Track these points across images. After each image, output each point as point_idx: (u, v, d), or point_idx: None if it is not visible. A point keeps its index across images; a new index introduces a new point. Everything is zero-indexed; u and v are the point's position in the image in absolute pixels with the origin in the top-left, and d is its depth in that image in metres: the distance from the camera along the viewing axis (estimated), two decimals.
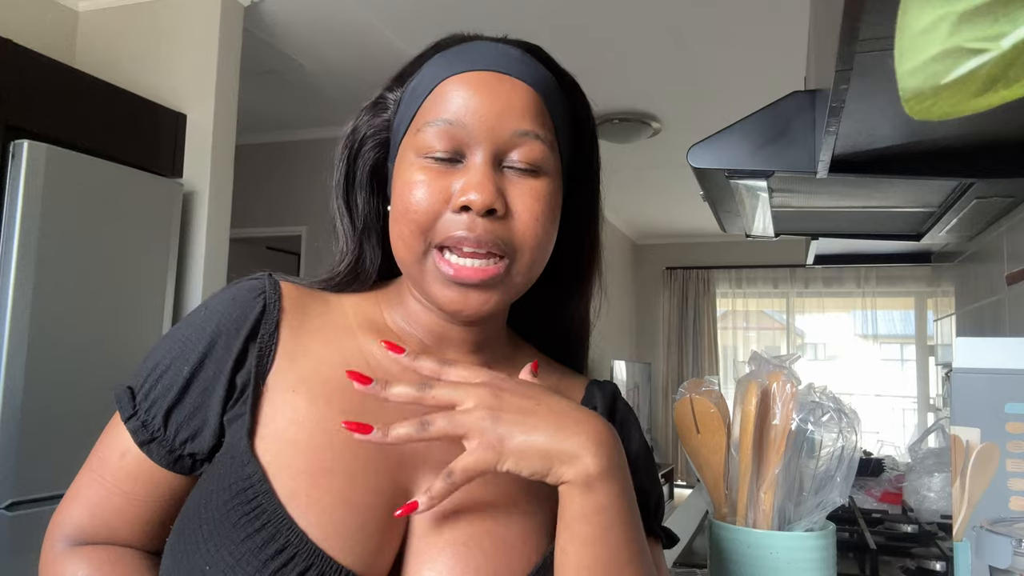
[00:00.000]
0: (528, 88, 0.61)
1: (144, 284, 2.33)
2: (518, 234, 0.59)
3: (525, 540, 0.60)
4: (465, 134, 0.59)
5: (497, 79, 0.60)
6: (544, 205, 0.60)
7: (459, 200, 0.58)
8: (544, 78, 0.63)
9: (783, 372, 0.84)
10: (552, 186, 0.62)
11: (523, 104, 0.60)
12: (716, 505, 0.88)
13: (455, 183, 0.59)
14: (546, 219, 0.61)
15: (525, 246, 0.60)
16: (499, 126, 0.59)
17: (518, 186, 0.60)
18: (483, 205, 0.57)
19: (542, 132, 0.61)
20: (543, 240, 0.61)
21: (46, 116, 2.16)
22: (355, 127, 0.67)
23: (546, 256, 0.63)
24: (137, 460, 0.61)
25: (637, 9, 2.86)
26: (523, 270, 0.61)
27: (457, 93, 0.60)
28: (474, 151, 0.59)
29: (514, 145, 0.60)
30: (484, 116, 0.59)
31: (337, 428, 0.58)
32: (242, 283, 0.65)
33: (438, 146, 0.59)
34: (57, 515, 0.64)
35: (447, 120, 0.59)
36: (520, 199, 0.59)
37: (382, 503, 0.57)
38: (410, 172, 0.60)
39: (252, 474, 0.56)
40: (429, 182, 0.59)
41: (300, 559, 0.53)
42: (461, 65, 0.61)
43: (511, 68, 0.61)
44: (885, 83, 0.75)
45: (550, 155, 0.61)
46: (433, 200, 0.59)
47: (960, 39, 0.34)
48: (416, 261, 0.60)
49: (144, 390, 0.62)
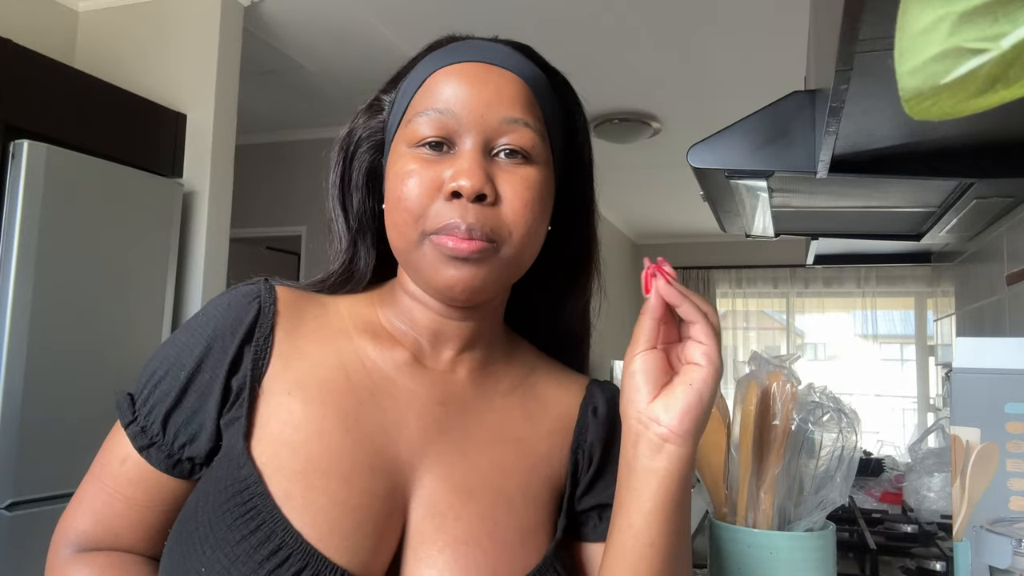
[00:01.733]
0: (517, 79, 0.62)
1: (144, 284, 2.33)
2: (508, 220, 0.59)
3: (524, 540, 0.60)
4: (455, 122, 0.59)
5: (486, 69, 0.61)
6: (534, 192, 0.60)
7: (449, 186, 0.58)
8: (533, 72, 0.64)
9: (783, 372, 0.84)
10: (542, 175, 0.62)
11: (512, 93, 0.61)
12: (716, 505, 0.88)
13: (446, 171, 0.59)
14: (536, 206, 0.61)
15: (515, 232, 0.60)
16: (488, 114, 0.60)
17: (508, 173, 0.60)
18: (473, 191, 0.57)
19: (531, 120, 0.61)
20: (533, 227, 0.61)
21: (46, 116, 2.16)
22: (351, 129, 0.68)
23: (536, 245, 0.63)
24: (137, 465, 0.62)
25: (637, 9, 2.86)
26: (512, 253, 0.60)
27: (446, 83, 0.60)
28: (464, 139, 0.60)
29: (503, 132, 0.60)
30: (473, 104, 0.59)
31: (332, 429, 0.59)
32: (238, 288, 0.65)
33: (428, 135, 0.60)
34: (62, 521, 0.65)
35: (437, 109, 0.60)
36: (510, 185, 0.60)
37: (378, 504, 0.57)
38: (402, 163, 0.61)
39: (247, 476, 0.56)
40: (420, 171, 0.59)
41: (295, 560, 0.53)
42: (451, 58, 0.62)
43: (500, 60, 0.62)
44: (885, 83, 0.75)
45: (539, 143, 0.62)
46: (425, 188, 0.59)
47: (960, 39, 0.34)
48: (411, 249, 0.60)
49: (143, 396, 0.62)
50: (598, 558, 0.66)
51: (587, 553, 0.67)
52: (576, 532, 0.67)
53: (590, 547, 0.67)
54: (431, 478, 0.60)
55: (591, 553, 0.67)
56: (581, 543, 0.67)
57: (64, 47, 2.80)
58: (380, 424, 0.61)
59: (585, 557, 0.67)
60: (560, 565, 0.61)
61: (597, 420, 0.69)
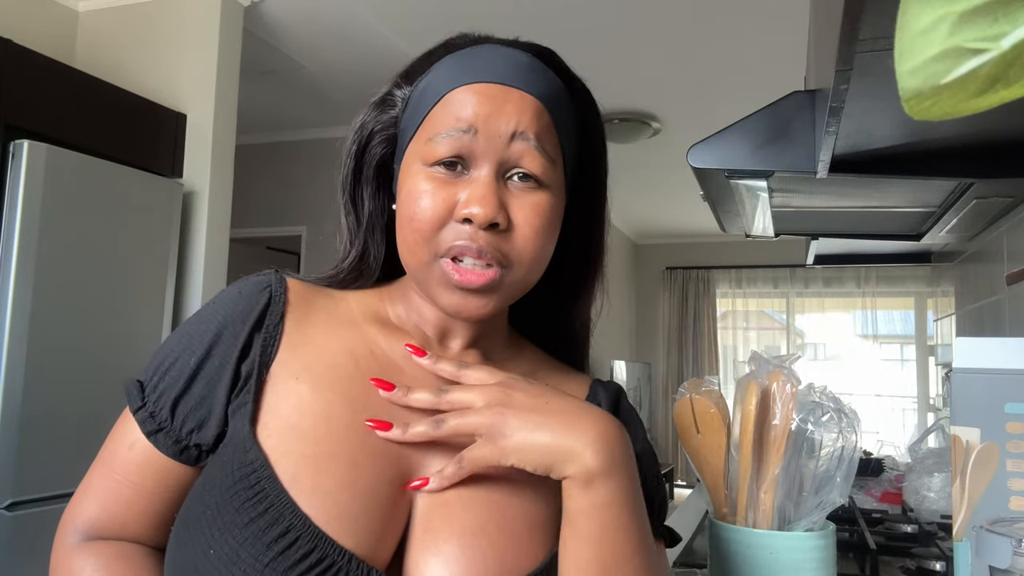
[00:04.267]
0: (535, 102, 0.62)
1: (144, 284, 2.33)
2: (517, 246, 0.60)
3: (533, 533, 0.60)
4: (471, 146, 0.60)
5: (504, 92, 0.61)
6: (544, 220, 0.61)
7: (462, 212, 0.59)
8: (553, 88, 0.64)
9: (783, 372, 0.84)
10: (553, 200, 0.63)
11: (530, 118, 0.61)
12: (716, 505, 0.88)
13: (460, 194, 0.60)
14: (545, 233, 0.62)
15: (524, 259, 0.61)
16: (505, 139, 0.60)
17: (520, 199, 0.61)
18: (485, 219, 0.58)
19: (547, 146, 0.62)
20: (541, 253, 0.62)
21: (46, 116, 2.16)
22: (363, 123, 0.68)
23: (542, 267, 0.64)
24: (145, 451, 0.62)
25: (638, 9, 2.86)
26: (518, 279, 0.62)
27: (464, 105, 0.60)
28: (479, 163, 0.60)
29: (519, 157, 0.61)
30: (490, 129, 0.60)
31: (340, 414, 0.59)
32: (249, 279, 0.66)
33: (444, 156, 0.60)
34: (69, 508, 0.65)
35: (456, 130, 0.60)
36: (522, 212, 0.61)
37: (385, 488, 0.58)
38: (415, 181, 0.61)
39: (254, 460, 0.56)
40: (434, 192, 0.60)
41: (303, 542, 0.53)
42: (469, 76, 0.62)
43: (518, 80, 0.62)
44: (885, 83, 0.75)
45: (552, 170, 0.62)
46: (437, 210, 0.59)
47: (960, 39, 0.34)
48: (421, 268, 0.61)
49: (153, 382, 0.63)
50: None
51: None
52: None
53: None
54: (438, 465, 0.61)
55: None
56: None
57: (64, 47, 2.80)
58: (387, 410, 0.61)
59: None
60: None
61: None
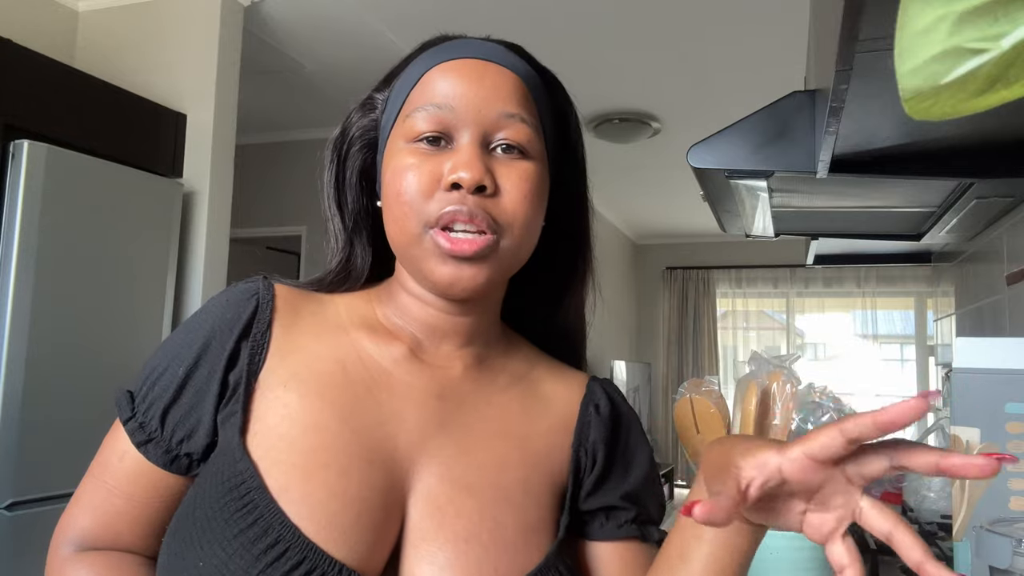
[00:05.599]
0: (512, 75, 0.63)
1: (144, 284, 2.33)
2: (507, 212, 0.60)
3: (527, 538, 0.60)
4: (453, 117, 0.60)
5: (482, 65, 0.62)
6: (531, 185, 0.61)
7: (449, 178, 0.59)
8: (527, 70, 0.65)
9: (783, 372, 0.84)
10: (538, 169, 0.63)
11: (508, 89, 0.62)
12: None
13: (445, 164, 0.60)
14: (534, 198, 0.62)
15: (515, 223, 0.60)
16: (485, 108, 0.60)
17: (506, 166, 0.61)
18: (473, 182, 0.58)
19: (527, 116, 0.62)
20: (531, 218, 0.62)
21: (46, 116, 2.16)
22: (344, 128, 0.69)
23: (533, 238, 0.64)
24: (136, 461, 0.62)
25: (638, 9, 2.86)
26: (510, 247, 0.61)
27: (443, 79, 0.61)
28: (462, 133, 0.60)
29: (500, 127, 0.61)
30: (470, 99, 0.60)
31: (329, 422, 0.59)
32: (237, 286, 0.66)
33: (426, 130, 0.60)
34: (62, 519, 0.65)
35: (434, 105, 0.60)
36: (508, 178, 0.61)
37: (376, 497, 0.57)
38: (400, 157, 0.61)
39: (244, 470, 0.56)
40: (419, 165, 0.60)
41: (293, 553, 0.53)
42: (447, 55, 0.63)
43: (495, 56, 0.63)
44: (885, 83, 0.75)
45: (535, 138, 0.63)
46: (424, 181, 0.59)
47: (960, 39, 0.34)
48: (412, 242, 0.61)
49: (142, 393, 0.63)
50: (603, 555, 0.66)
51: (591, 551, 0.67)
52: (579, 530, 0.67)
53: (595, 545, 0.67)
54: (430, 473, 0.60)
55: (596, 551, 0.66)
56: (585, 541, 0.67)
57: (64, 47, 2.80)
58: (378, 417, 0.61)
59: (589, 555, 0.67)
60: (562, 564, 0.61)
61: (600, 418, 0.69)
